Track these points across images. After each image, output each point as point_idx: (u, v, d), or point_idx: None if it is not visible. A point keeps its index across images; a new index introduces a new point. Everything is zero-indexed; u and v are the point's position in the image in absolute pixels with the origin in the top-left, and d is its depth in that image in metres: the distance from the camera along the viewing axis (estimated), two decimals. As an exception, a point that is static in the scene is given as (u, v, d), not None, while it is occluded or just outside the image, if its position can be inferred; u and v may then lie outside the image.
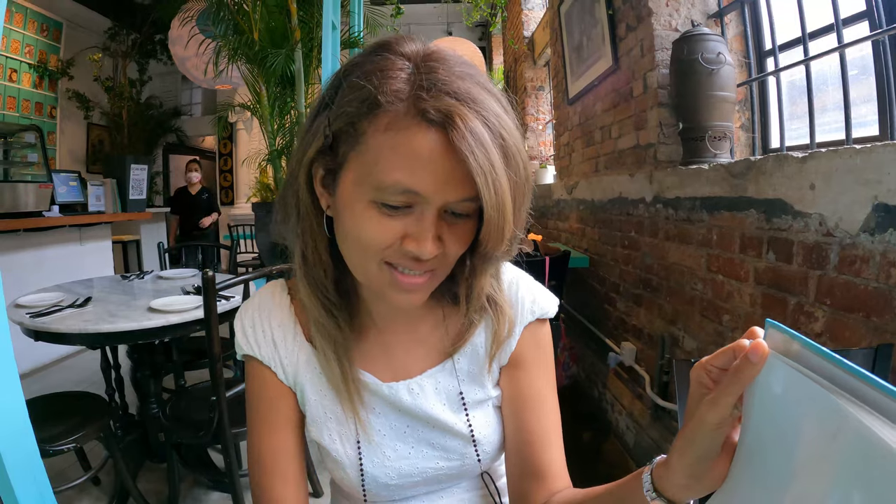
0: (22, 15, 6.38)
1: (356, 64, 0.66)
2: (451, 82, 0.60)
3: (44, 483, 1.09)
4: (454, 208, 0.64)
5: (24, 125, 5.29)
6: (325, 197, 0.71)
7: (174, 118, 9.28)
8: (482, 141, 0.58)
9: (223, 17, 4.09)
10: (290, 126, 4.22)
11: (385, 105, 0.60)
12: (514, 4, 6.30)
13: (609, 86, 3.20)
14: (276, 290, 0.87)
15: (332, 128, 0.65)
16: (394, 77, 0.61)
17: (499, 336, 0.82)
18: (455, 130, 0.57)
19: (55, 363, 4.39)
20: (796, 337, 0.44)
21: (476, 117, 0.58)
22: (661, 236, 2.52)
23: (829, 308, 1.45)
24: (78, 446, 2.02)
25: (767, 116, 2.39)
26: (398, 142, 0.60)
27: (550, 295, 0.88)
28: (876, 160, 1.27)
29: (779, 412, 0.46)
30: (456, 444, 0.82)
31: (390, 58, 0.63)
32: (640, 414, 2.68)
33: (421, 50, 0.64)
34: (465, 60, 0.65)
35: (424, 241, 0.63)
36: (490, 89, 0.63)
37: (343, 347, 0.78)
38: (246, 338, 0.83)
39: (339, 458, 0.81)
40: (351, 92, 0.63)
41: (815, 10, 1.93)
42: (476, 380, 0.84)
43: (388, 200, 0.62)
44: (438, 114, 0.58)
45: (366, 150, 0.62)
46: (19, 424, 1.04)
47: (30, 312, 2.13)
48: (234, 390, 1.98)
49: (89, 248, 4.84)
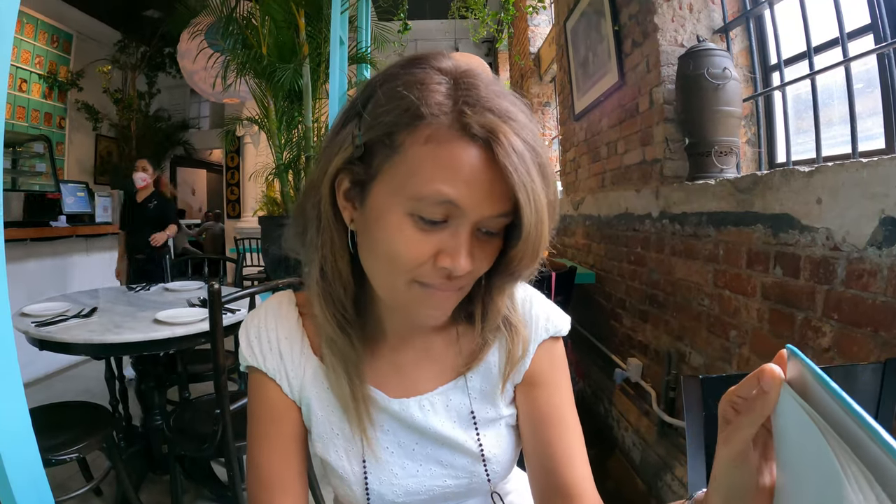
0: (33, 26, 6.46)
1: (393, 75, 0.65)
2: (491, 99, 0.60)
3: (46, 492, 1.08)
4: (487, 225, 0.64)
5: (33, 135, 5.34)
6: (349, 210, 0.69)
7: (182, 131, 9.34)
8: (524, 158, 0.59)
9: (232, 31, 4.12)
10: (297, 140, 4.23)
11: (428, 117, 0.59)
12: (520, 20, 6.34)
13: (615, 101, 3.21)
14: (283, 302, 0.85)
15: (365, 137, 0.64)
16: (434, 90, 0.61)
17: (513, 356, 0.81)
18: (499, 146, 0.58)
19: (59, 373, 4.40)
20: (810, 368, 0.42)
21: (516, 134, 0.59)
22: (668, 252, 2.51)
23: (837, 323, 1.44)
24: (80, 456, 2.02)
25: (773, 131, 2.39)
26: (439, 154, 0.59)
27: (563, 313, 0.88)
28: (883, 173, 1.27)
29: (794, 455, 0.43)
30: (465, 463, 0.81)
31: (428, 71, 0.63)
32: (646, 430, 2.66)
33: (457, 67, 0.64)
34: (497, 79, 0.65)
35: (459, 257, 0.62)
36: (523, 108, 0.63)
37: (354, 365, 0.76)
38: (251, 349, 0.81)
39: (344, 475, 0.80)
40: (389, 102, 0.62)
41: (820, 25, 1.94)
42: (488, 399, 0.83)
43: (424, 213, 0.61)
44: (482, 129, 0.58)
45: (403, 161, 0.61)
46: (22, 433, 1.03)
47: (35, 321, 2.14)
48: (238, 403, 1.98)
49: (96, 258, 4.87)
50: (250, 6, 4.23)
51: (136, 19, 7.57)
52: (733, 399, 0.47)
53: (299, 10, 3.93)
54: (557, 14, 4.48)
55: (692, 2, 2.53)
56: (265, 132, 4.42)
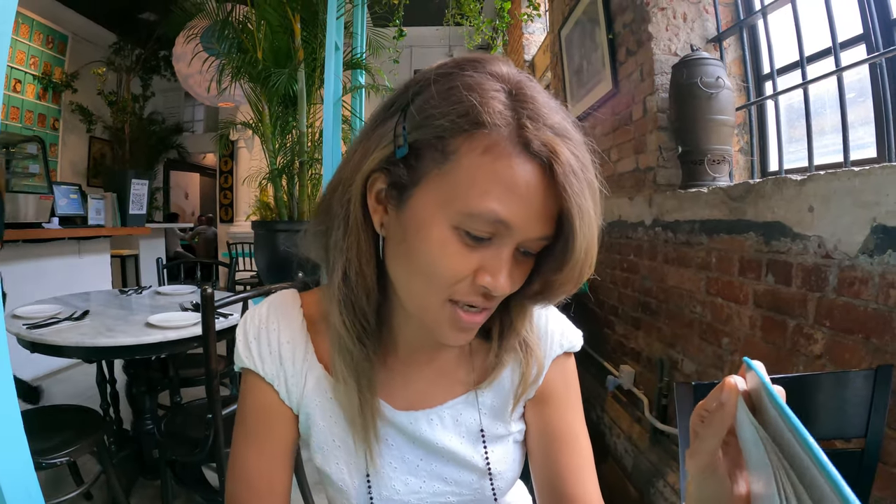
0: (28, 27, 6.45)
1: (447, 74, 0.60)
2: (549, 115, 0.58)
3: (36, 496, 1.07)
4: (528, 246, 0.62)
5: (27, 136, 5.31)
6: (380, 213, 0.64)
7: (176, 134, 9.34)
8: (579, 180, 0.56)
9: (227, 35, 4.13)
10: (291, 145, 4.23)
11: (488, 126, 0.56)
12: (515, 28, 6.37)
13: (609, 109, 3.23)
14: (287, 302, 0.80)
15: (412, 137, 0.59)
16: (493, 97, 0.57)
17: (526, 377, 0.78)
18: (559, 167, 0.55)
19: (50, 375, 4.36)
20: (764, 383, 0.42)
21: (572, 154, 0.57)
22: (661, 259, 2.52)
23: (829, 330, 1.45)
24: (71, 460, 2.00)
25: (766, 140, 2.41)
26: (497, 168, 0.56)
27: (575, 328, 0.85)
28: (874, 182, 1.28)
29: (752, 466, 0.44)
30: (471, 479, 0.78)
31: (485, 76, 0.59)
32: (638, 437, 2.66)
33: (512, 74, 0.60)
34: (546, 90, 0.62)
35: (500, 276, 0.60)
36: (575, 123, 0.61)
37: (367, 378, 0.72)
38: (249, 351, 0.77)
39: (344, 487, 0.77)
40: (445, 103, 0.58)
41: (812, 34, 1.96)
42: (499, 415, 0.80)
43: (472, 229, 0.58)
44: (543, 148, 0.56)
45: (456, 170, 0.57)
46: (14, 436, 1.03)
47: (27, 324, 2.13)
48: (230, 408, 1.97)
49: (88, 261, 4.84)
50: (246, 10, 4.23)
51: (132, 21, 7.57)
52: (700, 412, 0.48)
53: (295, 15, 3.94)
54: (552, 22, 4.51)
55: (686, 11, 2.55)
56: (259, 137, 4.42)
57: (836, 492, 0.31)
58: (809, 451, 0.34)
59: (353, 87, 4.13)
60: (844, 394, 0.99)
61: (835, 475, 0.32)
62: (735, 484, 0.48)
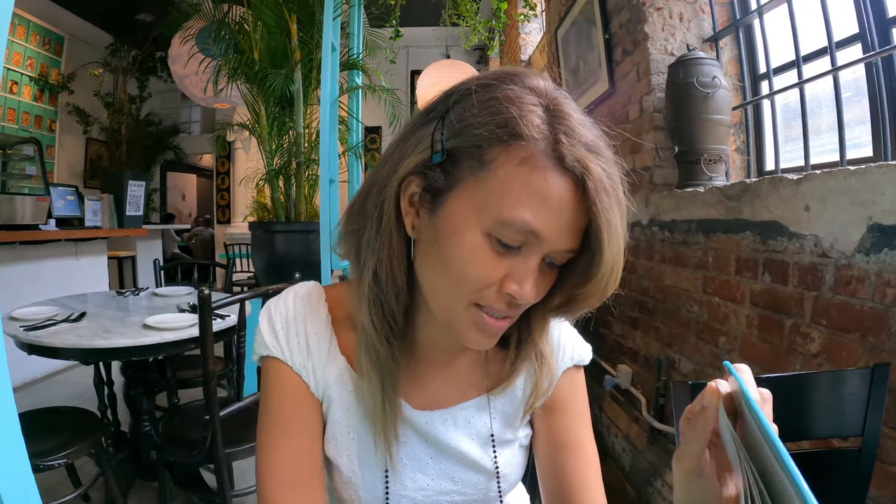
0: (24, 28, 6.43)
1: (487, 85, 0.62)
2: (584, 132, 0.59)
3: (35, 498, 1.07)
4: (555, 258, 0.63)
5: (24, 137, 5.30)
6: (412, 216, 0.66)
7: (173, 135, 9.31)
8: (610, 197, 0.58)
9: (224, 35, 4.12)
10: (288, 146, 4.22)
11: (526, 138, 0.57)
12: (511, 28, 6.37)
13: (605, 109, 3.23)
14: (312, 294, 0.81)
15: (450, 143, 0.61)
16: (531, 111, 0.59)
17: (539, 388, 0.80)
18: (592, 183, 0.57)
19: (48, 377, 4.36)
20: (741, 387, 0.42)
21: (603, 171, 0.58)
22: (657, 259, 2.52)
23: (826, 328, 1.45)
24: (69, 462, 1.99)
25: (762, 139, 2.42)
26: (531, 179, 0.57)
27: (585, 342, 0.88)
28: (870, 181, 1.28)
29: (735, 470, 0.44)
30: (478, 480, 0.81)
31: (524, 89, 0.61)
32: (636, 437, 2.67)
33: (549, 89, 0.62)
34: (579, 107, 0.64)
35: (526, 284, 0.61)
36: (606, 140, 0.63)
37: (392, 377, 0.72)
38: (276, 340, 0.77)
39: (354, 479, 0.78)
40: (484, 113, 0.59)
41: (808, 34, 1.97)
42: (509, 422, 0.82)
43: (504, 237, 0.59)
44: (577, 163, 0.57)
45: (492, 179, 0.59)
46: (11, 438, 1.03)
47: (24, 326, 2.12)
48: (227, 409, 1.97)
49: (85, 262, 4.83)
50: (242, 11, 4.22)
51: (129, 23, 7.55)
52: (687, 415, 0.49)
53: (291, 15, 3.93)
54: (548, 22, 4.51)
55: (682, 11, 2.55)
56: (256, 137, 4.41)
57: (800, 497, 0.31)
58: (777, 456, 0.34)
59: (349, 88, 4.12)
60: (841, 392, 1.00)
61: (799, 480, 0.32)
62: (724, 486, 0.49)
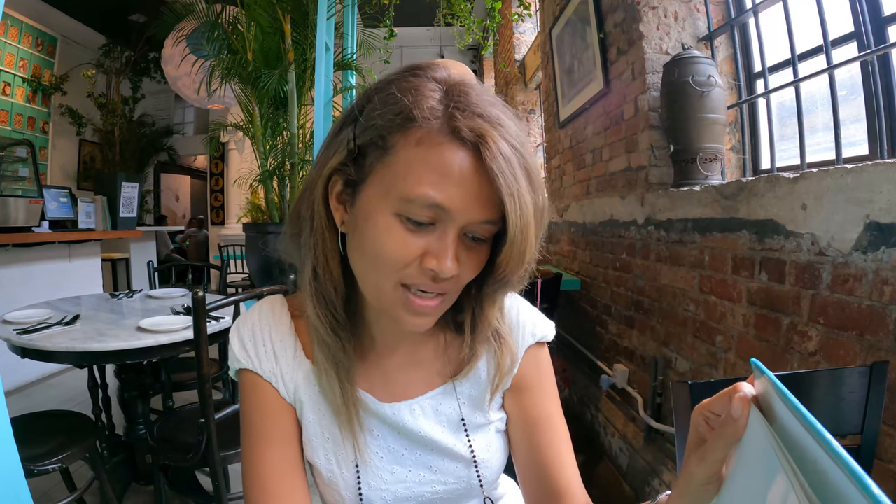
0: (17, 29, 6.40)
1: (389, 81, 0.67)
2: (481, 106, 0.62)
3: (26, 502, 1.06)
4: (474, 231, 0.65)
5: (16, 139, 5.26)
6: (341, 212, 0.71)
7: (166, 137, 9.28)
8: (511, 162, 0.60)
9: (217, 36, 4.11)
10: (282, 147, 4.21)
11: (419, 120, 0.61)
12: (505, 28, 6.37)
13: (600, 109, 3.23)
14: (275, 306, 0.85)
15: (360, 140, 0.66)
16: (427, 96, 0.62)
17: (501, 368, 0.82)
18: (487, 150, 0.59)
19: (41, 381, 4.33)
20: (775, 385, 0.42)
21: (504, 140, 0.61)
22: (653, 258, 2.52)
23: (823, 327, 1.45)
24: (63, 466, 1.98)
25: (758, 138, 2.42)
26: (429, 156, 0.61)
27: (548, 319, 0.90)
28: (867, 179, 1.28)
29: (747, 469, 0.44)
30: (456, 468, 0.82)
31: (423, 79, 0.65)
32: (633, 436, 2.66)
33: (451, 77, 0.66)
34: (488, 90, 0.67)
35: (444, 259, 0.63)
36: (512, 116, 0.65)
37: (345, 369, 0.76)
38: (245, 351, 0.80)
39: (334, 479, 0.79)
40: (383, 106, 0.64)
41: (803, 32, 1.97)
42: (477, 405, 0.84)
43: (412, 214, 0.62)
44: (471, 133, 0.60)
45: (394, 163, 0.63)
46: (3, 443, 1.02)
47: (17, 329, 2.10)
48: (223, 412, 1.96)
49: (78, 265, 4.80)
50: (236, 11, 4.21)
51: (122, 23, 7.53)
52: (707, 414, 0.50)
53: (285, 15, 3.93)
54: (543, 22, 4.51)
55: (677, 10, 2.55)
56: (250, 138, 4.40)
57: (861, 487, 0.31)
58: (829, 449, 0.34)
59: (343, 88, 4.11)
60: (840, 391, 0.99)
61: (857, 470, 0.31)
62: None
